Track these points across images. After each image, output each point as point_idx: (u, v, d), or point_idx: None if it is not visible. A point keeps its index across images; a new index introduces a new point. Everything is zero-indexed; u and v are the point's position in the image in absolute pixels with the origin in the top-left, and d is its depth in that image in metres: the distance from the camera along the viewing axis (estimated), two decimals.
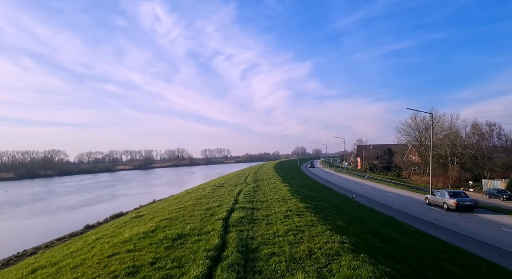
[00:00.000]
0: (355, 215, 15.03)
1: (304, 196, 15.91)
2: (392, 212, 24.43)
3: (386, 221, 17.40)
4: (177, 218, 10.47)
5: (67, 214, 42.93)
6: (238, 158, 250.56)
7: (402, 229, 15.96)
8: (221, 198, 14.63)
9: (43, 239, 26.37)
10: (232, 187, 20.00)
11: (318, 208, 12.42)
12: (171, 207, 14.11)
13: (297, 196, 14.59)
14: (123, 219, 14.10)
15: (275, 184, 21.02)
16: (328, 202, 17.17)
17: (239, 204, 12.24)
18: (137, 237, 8.22)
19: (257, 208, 11.53)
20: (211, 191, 18.35)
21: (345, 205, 19.59)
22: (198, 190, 20.74)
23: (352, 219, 12.92)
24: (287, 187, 18.24)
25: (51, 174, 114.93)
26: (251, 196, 14.77)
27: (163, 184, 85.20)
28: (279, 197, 14.16)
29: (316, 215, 10.04)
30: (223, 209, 11.20)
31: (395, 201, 31.26)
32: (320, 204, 14.17)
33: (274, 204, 12.30)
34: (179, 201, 16.26)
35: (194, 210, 11.82)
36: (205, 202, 13.79)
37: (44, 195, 67.26)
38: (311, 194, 18.77)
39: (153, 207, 16.72)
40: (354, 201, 26.93)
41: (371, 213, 20.25)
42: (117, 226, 12.06)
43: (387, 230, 12.13)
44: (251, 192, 16.54)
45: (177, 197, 20.02)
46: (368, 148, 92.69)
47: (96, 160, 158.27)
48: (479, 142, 65.44)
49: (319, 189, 30.06)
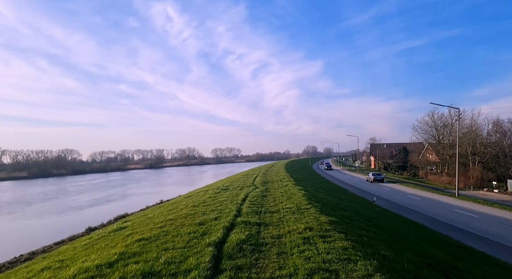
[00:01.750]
0: (388, 227, 11.91)
1: (323, 203, 12.84)
2: (422, 219, 21.05)
3: (422, 234, 14.20)
4: (157, 238, 7.59)
5: (74, 214, 41.89)
6: (248, 157, 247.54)
7: (446, 244, 12.78)
8: (221, 206, 11.74)
9: (44, 241, 25.38)
10: (238, 190, 17.08)
11: (345, 221, 9.37)
12: (160, 217, 11.31)
13: (315, 204, 11.55)
14: (102, 231, 11.32)
15: (287, 186, 18.00)
16: (351, 209, 14.05)
17: (242, 216, 9.31)
18: (84, 277, 5.37)
19: (265, 223, 8.56)
20: (212, 196, 15.47)
21: (369, 212, 16.43)
22: (199, 194, 17.91)
23: (388, 235, 9.83)
24: (301, 191, 15.20)
25: (64, 173, 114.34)
26: (258, 204, 11.81)
27: (173, 184, 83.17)
28: (293, 205, 11.14)
29: (348, 236, 6.99)
30: (221, 224, 8.30)
31: (420, 205, 27.79)
32: (344, 214, 11.10)
33: (288, 216, 9.30)
34: (173, 209, 13.43)
35: (184, 224, 8.95)
36: (201, 212, 10.92)
37: (55, 194, 66.40)
38: (329, 200, 15.65)
39: (143, 215, 13.95)
40: (376, 205, 23.66)
41: (400, 222, 17.02)
42: (87, 244, 9.27)
43: (439, 253, 9.02)
44: (258, 197, 13.57)
45: (174, 202, 17.19)
46: (382, 147, 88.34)
47: (108, 159, 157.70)
48: (500, 140, 60.76)
49: (335, 191, 26.82)
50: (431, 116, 67.54)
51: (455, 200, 31.02)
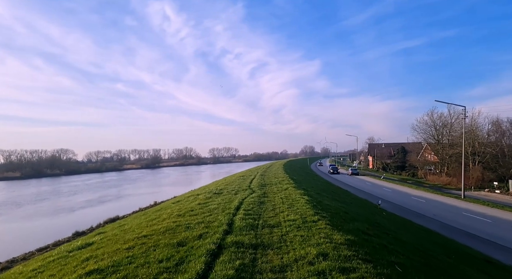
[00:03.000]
0: (410, 242, 9.91)
1: (331, 212, 10.79)
2: (433, 224, 19.11)
3: (442, 244, 12.26)
4: (115, 270, 5.49)
5: (64, 216, 39.88)
6: (246, 157, 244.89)
7: (474, 260, 10.83)
8: (210, 217, 9.68)
9: (28, 246, 23.13)
10: (232, 195, 15.01)
11: (363, 239, 7.30)
12: (136, 230, 9.22)
13: (322, 214, 9.50)
14: (64, 249, 9.14)
15: (287, 190, 15.96)
16: (362, 218, 11.96)
17: (233, 234, 7.24)
18: None
19: (264, 244, 6.49)
20: (202, 202, 13.38)
21: (380, 219, 14.42)
22: (188, 199, 15.82)
23: (418, 257, 7.80)
24: (304, 197, 13.13)
25: (58, 173, 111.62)
26: (254, 214, 9.74)
27: (169, 184, 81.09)
28: (297, 216, 9.08)
29: (378, 268, 4.97)
30: (204, 246, 6.25)
31: (426, 208, 25.90)
32: (359, 226, 9.05)
33: (292, 233, 7.24)
34: (154, 218, 11.34)
35: (158, 244, 6.88)
36: (185, 224, 8.85)
37: (47, 195, 64.33)
38: (336, 206, 13.60)
39: (119, 226, 11.80)
40: (382, 209, 21.70)
41: (414, 230, 15.07)
42: (36, 270, 7.14)
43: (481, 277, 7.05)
44: (255, 204, 11.50)
45: (159, 209, 15.05)
46: (380, 147, 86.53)
47: (104, 159, 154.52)
48: (499, 140, 59.14)
49: (338, 193, 24.82)
50: (431, 116, 65.94)
51: (462, 202, 29.17)
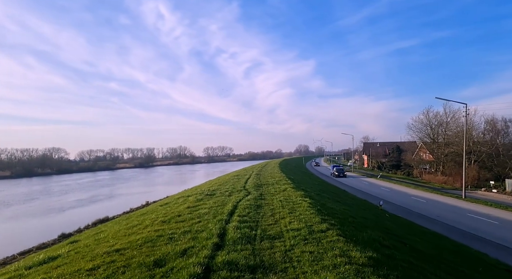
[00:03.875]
0: (428, 252, 8.55)
1: (338, 218, 9.36)
2: (438, 227, 17.83)
3: (461, 253, 10.95)
4: None
5: (53, 217, 37.65)
6: (240, 156, 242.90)
7: (496, 271, 9.54)
8: (199, 224, 8.20)
9: (11, 249, 21.93)
10: (225, 196, 13.52)
11: (386, 256, 5.90)
12: (111, 241, 7.70)
13: (330, 221, 8.06)
14: (23, 264, 7.60)
15: (286, 191, 14.52)
16: (372, 224, 10.55)
17: (225, 249, 5.76)
18: None
19: (264, 264, 5.02)
20: (192, 205, 11.86)
21: (390, 225, 13.07)
22: (178, 201, 14.27)
23: (446, 273, 6.45)
24: (306, 199, 11.66)
25: (49, 172, 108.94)
26: (251, 221, 8.26)
27: (162, 183, 79.34)
28: (302, 224, 7.61)
29: None
30: (188, 267, 4.77)
31: (428, 208, 24.70)
32: (374, 236, 7.62)
33: (299, 248, 5.77)
34: (136, 224, 9.80)
35: (129, 263, 5.36)
36: (168, 235, 7.33)
37: (37, 194, 62.41)
38: (341, 210, 12.16)
39: (95, 234, 10.21)
40: (385, 211, 20.40)
41: (422, 234, 13.74)
42: None
43: None
44: (251, 209, 10.03)
45: (144, 212, 13.43)
46: (375, 146, 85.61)
47: (97, 158, 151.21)
48: (493, 139, 58.47)
49: (337, 194, 23.44)
50: (426, 115, 65.20)
51: (463, 202, 28.06)
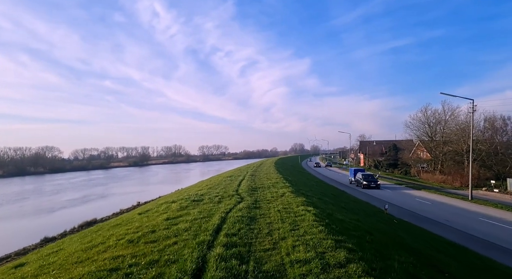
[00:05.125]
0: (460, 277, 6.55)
1: (354, 236, 7.23)
2: (453, 235, 15.78)
3: (488, 270, 8.96)
4: None
5: (42, 218, 35.77)
6: (235, 155, 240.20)
7: None
8: (174, 247, 6.06)
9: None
10: (214, 204, 11.35)
11: None
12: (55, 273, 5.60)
13: (347, 245, 5.90)
14: None
15: (284, 197, 12.38)
16: (391, 239, 8.56)
17: None
18: None
19: None
20: (173, 215, 9.66)
21: (401, 233, 11.05)
22: (159, 208, 12.06)
23: None
24: (309, 209, 9.44)
25: (42, 171, 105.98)
26: (241, 245, 6.08)
27: (155, 182, 77.04)
28: (311, 251, 5.44)
29: None
30: None
31: (435, 211, 22.73)
32: (406, 267, 5.58)
33: None
34: (94, 245, 7.58)
35: None
36: (126, 268, 5.20)
37: (28, 194, 60.16)
38: (352, 222, 9.99)
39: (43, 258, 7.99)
40: (391, 216, 18.37)
41: (440, 245, 11.72)
42: None
43: None
44: (243, 224, 7.86)
45: (119, 222, 11.04)
46: (371, 144, 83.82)
47: (91, 157, 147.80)
48: (492, 137, 56.87)
49: (338, 196, 21.36)
50: (424, 113, 63.49)
51: (471, 205, 26.12)
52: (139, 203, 39.45)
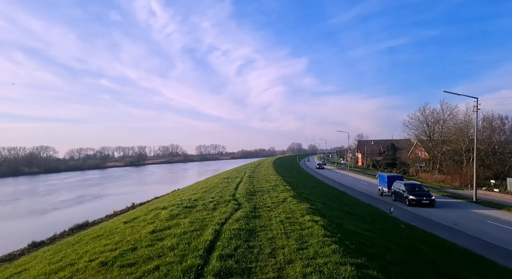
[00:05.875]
0: None
1: (374, 257, 5.98)
2: (465, 241, 14.62)
3: None
4: None
5: (32, 220, 34.50)
6: (233, 154, 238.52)
7: None
8: (153, 275, 4.86)
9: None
10: (208, 211, 10.05)
11: None
12: None
13: (372, 273, 4.74)
14: None
15: (286, 203, 11.10)
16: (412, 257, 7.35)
17: None
18: None
19: None
20: (159, 228, 8.32)
21: (417, 244, 9.84)
22: (148, 215, 10.72)
23: None
24: (316, 219, 8.11)
25: (36, 171, 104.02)
26: (238, 272, 4.85)
27: (152, 183, 75.56)
28: (323, 276, 4.28)
29: None
30: None
31: (441, 214, 21.57)
32: None
33: None
34: (64, 266, 6.27)
35: None
36: None
37: (21, 194, 58.65)
38: (364, 233, 8.78)
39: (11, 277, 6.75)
40: (397, 219, 17.19)
41: (457, 254, 10.53)
42: None
43: None
44: (241, 240, 6.56)
45: (100, 234, 9.60)
46: (369, 143, 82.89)
47: (87, 157, 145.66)
48: (490, 136, 56.03)
49: (340, 198, 20.14)
50: (423, 112, 62.58)
51: (476, 206, 25.03)
52: (133, 205, 38.10)
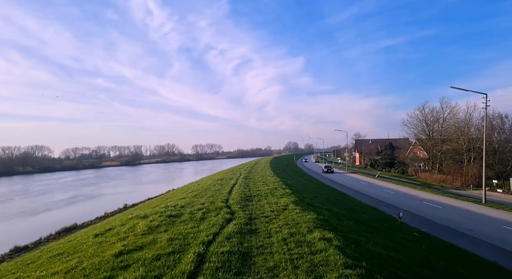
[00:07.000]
0: None
1: None
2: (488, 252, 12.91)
3: None
4: None
5: (20, 222, 32.91)
6: (229, 154, 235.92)
7: None
8: None
9: None
10: (195, 222, 8.19)
11: None
12: None
13: None
14: None
15: (287, 212, 9.23)
16: None
17: None
18: None
19: None
20: (129, 247, 6.47)
21: (453, 265, 8.10)
22: (124, 226, 8.81)
23: None
24: (329, 238, 6.32)
25: (31, 170, 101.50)
26: None
27: (146, 183, 73.60)
28: None
29: None
30: None
31: (452, 218, 19.84)
32: None
33: None
34: None
35: None
36: None
37: (13, 195, 56.62)
38: (386, 252, 7.05)
39: None
40: (407, 225, 15.42)
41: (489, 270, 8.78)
42: None
43: None
44: (231, 271, 4.73)
45: (60, 252, 7.70)
46: (367, 143, 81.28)
47: (82, 156, 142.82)
48: (490, 135, 54.59)
49: (344, 202, 18.37)
50: (422, 110, 61.08)
51: (487, 209, 23.29)
52: (125, 206, 36.52)
